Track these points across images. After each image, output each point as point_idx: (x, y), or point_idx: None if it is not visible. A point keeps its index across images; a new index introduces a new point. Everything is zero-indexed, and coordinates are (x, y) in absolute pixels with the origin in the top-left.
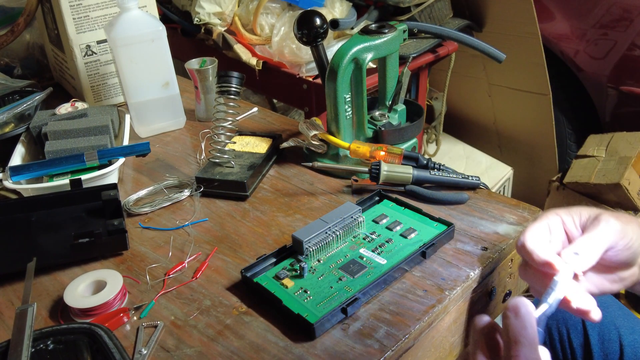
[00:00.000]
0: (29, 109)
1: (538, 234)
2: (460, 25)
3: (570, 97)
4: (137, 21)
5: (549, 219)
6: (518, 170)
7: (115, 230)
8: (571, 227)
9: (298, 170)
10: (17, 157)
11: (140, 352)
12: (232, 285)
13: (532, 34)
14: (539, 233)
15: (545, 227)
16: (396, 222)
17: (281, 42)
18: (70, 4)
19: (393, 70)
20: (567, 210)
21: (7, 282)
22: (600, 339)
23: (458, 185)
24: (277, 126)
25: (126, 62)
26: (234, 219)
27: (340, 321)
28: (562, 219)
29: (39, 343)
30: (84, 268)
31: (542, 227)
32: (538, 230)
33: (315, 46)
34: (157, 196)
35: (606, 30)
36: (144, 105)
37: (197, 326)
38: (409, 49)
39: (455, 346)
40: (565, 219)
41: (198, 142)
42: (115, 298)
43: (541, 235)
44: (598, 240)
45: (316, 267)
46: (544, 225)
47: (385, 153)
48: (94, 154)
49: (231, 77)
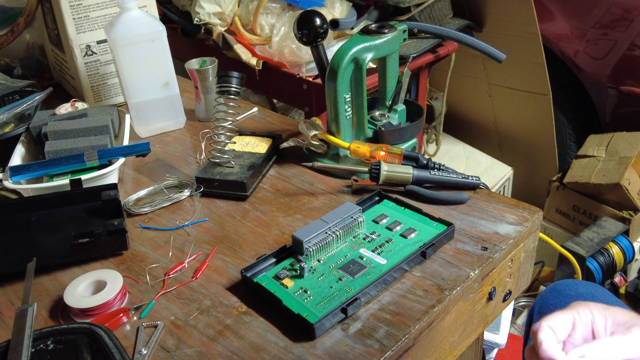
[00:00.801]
0: (29, 109)
1: (559, 325)
2: (460, 25)
3: (570, 97)
4: (137, 21)
5: (579, 312)
6: (518, 170)
7: (115, 230)
8: (600, 327)
9: (298, 170)
10: (17, 157)
11: (140, 352)
12: (232, 285)
13: (532, 34)
14: (560, 325)
15: (570, 320)
16: (396, 222)
17: (281, 42)
18: (70, 4)
19: (393, 70)
20: (603, 309)
21: (7, 282)
22: None
23: (458, 185)
24: (277, 126)
25: (126, 62)
26: (234, 219)
27: (340, 321)
28: (593, 317)
29: (39, 343)
30: (84, 268)
31: (567, 319)
32: (561, 321)
33: (315, 46)
34: (157, 196)
35: (606, 30)
36: (144, 105)
37: (197, 326)
38: (409, 49)
39: (455, 346)
40: (596, 319)
41: (198, 142)
42: (115, 298)
43: (562, 328)
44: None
45: (316, 267)
46: (569, 318)
47: (385, 153)
48: (94, 154)
49: (231, 77)
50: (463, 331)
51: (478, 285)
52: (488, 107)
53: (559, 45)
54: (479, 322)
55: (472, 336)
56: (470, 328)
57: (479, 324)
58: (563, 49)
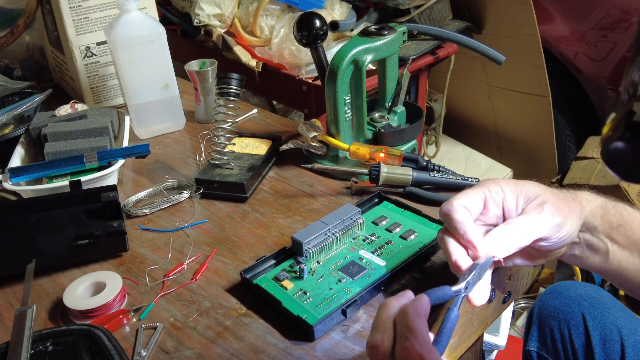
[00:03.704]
0: (29, 110)
1: (470, 204)
2: (460, 27)
3: (569, 99)
4: (137, 23)
5: (490, 190)
6: (517, 171)
7: (115, 231)
8: (511, 204)
9: (298, 172)
10: (16, 158)
11: (139, 353)
12: (232, 286)
13: (532, 36)
14: (472, 204)
15: (481, 198)
16: (396, 223)
17: (281, 43)
18: (70, 5)
19: (393, 71)
20: (513, 185)
21: (6, 284)
22: (602, 340)
23: (458, 187)
24: (277, 128)
25: (126, 63)
26: (234, 220)
27: (339, 323)
28: (504, 195)
29: (38, 345)
30: (83, 270)
31: (478, 198)
32: (472, 200)
33: (315, 48)
34: (157, 198)
35: (605, 32)
36: (144, 107)
37: (197, 328)
38: (409, 50)
39: (455, 348)
40: (507, 196)
41: (198, 143)
42: (114, 300)
43: (473, 206)
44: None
45: (316, 268)
46: (479, 197)
47: (384, 155)
48: (93, 155)
49: (231, 79)
50: (462, 333)
51: None
52: (487, 109)
53: (559, 47)
54: (479, 324)
55: (471, 338)
56: (470, 330)
57: (478, 326)
58: (562, 50)
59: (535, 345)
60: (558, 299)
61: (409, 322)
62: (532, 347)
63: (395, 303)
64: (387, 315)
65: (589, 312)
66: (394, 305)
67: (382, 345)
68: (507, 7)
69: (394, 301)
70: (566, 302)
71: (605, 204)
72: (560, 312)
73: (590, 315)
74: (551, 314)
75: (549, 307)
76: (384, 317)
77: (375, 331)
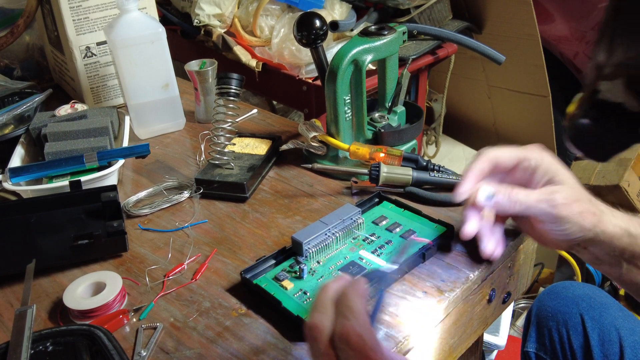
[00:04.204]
0: (29, 110)
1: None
2: (460, 27)
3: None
4: (137, 23)
5: (527, 156)
6: None
7: (115, 231)
8: (538, 178)
9: (298, 172)
10: (16, 158)
11: (139, 354)
12: (232, 286)
13: (532, 36)
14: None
15: (515, 159)
16: (396, 223)
17: (281, 43)
18: (70, 5)
19: (392, 71)
20: (552, 165)
21: (6, 284)
22: (600, 340)
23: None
24: (277, 128)
25: (126, 63)
26: (234, 220)
27: None
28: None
29: (38, 345)
30: (83, 270)
31: (512, 158)
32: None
33: (314, 48)
34: (157, 198)
35: None
36: (144, 107)
37: (197, 328)
38: (409, 50)
39: (454, 348)
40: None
41: (198, 143)
42: (114, 300)
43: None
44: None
45: (316, 268)
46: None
47: (384, 155)
48: (93, 155)
49: (231, 79)
50: (463, 333)
51: (478, 287)
52: (487, 109)
53: (559, 47)
54: (479, 324)
55: (471, 338)
56: (470, 330)
57: (478, 326)
58: (562, 50)
59: (533, 346)
60: (556, 300)
61: (350, 302)
62: (531, 348)
63: (334, 285)
64: (326, 297)
65: (588, 313)
66: (334, 287)
67: (322, 325)
68: (507, 7)
69: (334, 284)
70: (564, 303)
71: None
72: (558, 312)
73: (588, 316)
74: (549, 315)
75: (547, 308)
76: (323, 299)
77: (315, 312)
